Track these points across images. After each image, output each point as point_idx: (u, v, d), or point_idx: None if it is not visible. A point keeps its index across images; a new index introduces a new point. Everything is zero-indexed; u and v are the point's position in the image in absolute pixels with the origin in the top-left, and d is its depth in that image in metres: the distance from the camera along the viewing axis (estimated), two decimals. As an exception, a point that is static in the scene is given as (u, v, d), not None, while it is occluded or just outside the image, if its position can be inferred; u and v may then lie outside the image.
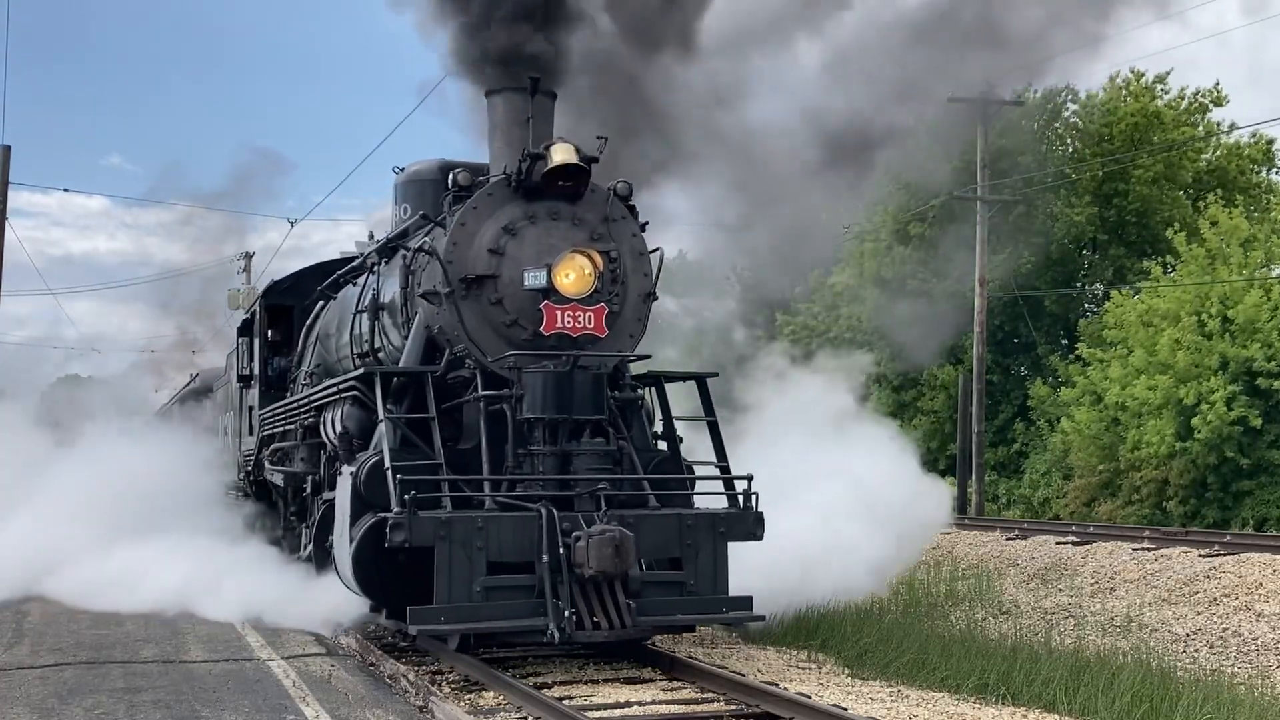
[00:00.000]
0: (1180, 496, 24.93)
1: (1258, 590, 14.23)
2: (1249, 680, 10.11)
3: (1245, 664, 11.49)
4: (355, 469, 9.78)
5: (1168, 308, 25.39)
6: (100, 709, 7.90)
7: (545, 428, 9.53)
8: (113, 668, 9.38)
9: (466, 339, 9.91)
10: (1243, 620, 13.18)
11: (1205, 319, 24.54)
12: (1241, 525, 23.44)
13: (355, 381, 10.33)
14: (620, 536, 8.75)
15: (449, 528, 8.87)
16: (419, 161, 12.60)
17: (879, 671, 9.87)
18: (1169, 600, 14.75)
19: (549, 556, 8.87)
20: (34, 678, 9.00)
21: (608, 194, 10.30)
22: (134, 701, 8.09)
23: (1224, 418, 23.34)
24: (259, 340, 16.66)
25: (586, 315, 9.64)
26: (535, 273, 9.64)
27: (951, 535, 20.77)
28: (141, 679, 8.89)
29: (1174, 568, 15.88)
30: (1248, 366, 23.78)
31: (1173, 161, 33.25)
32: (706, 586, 9.44)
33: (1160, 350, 24.67)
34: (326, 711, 7.79)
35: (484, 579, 8.90)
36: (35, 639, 10.82)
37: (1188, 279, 25.68)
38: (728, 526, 9.57)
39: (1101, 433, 26.66)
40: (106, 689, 8.54)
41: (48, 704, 8.04)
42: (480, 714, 8.09)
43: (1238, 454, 23.83)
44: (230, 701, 8.07)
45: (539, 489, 9.39)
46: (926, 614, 13.43)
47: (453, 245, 9.98)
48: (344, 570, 10.02)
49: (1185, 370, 24.13)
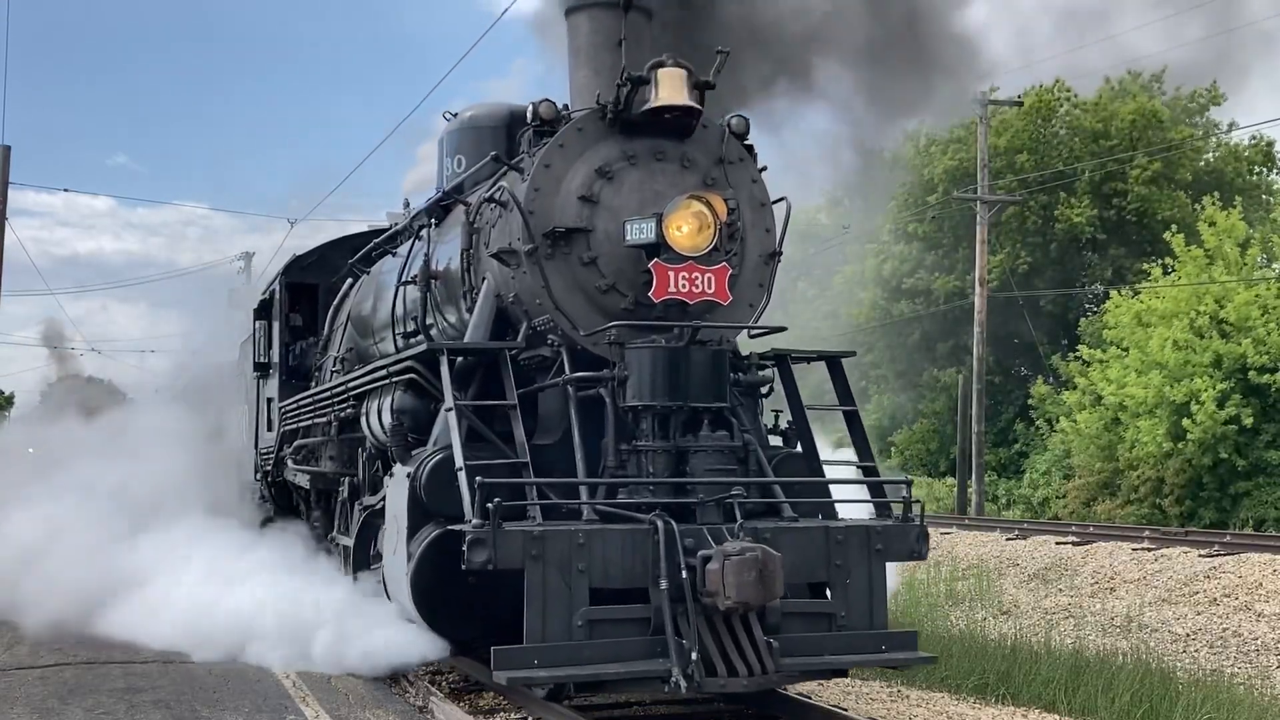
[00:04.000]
0: (1176, 496, 25.02)
1: (1258, 590, 14.26)
2: (1249, 680, 10.08)
3: (1245, 664, 11.30)
4: (414, 469, 7.87)
5: (1165, 308, 25.59)
6: (100, 709, 7.82)
7: (655, 418, 7.59)
8: (113, 668, 9.27)
9: (553, 308, 7.97)
10: (1243, 620, 13.13)
11: (1196, 315, 24.71)
12: (1241, 525, 23.30)
13: (412, 361, 8.40)
14: (765, 558, 6.80)
15: (543, 545, 6.93)
16: (476, 105, 10.66)
17: (878, 672, 9.55)
18: (1169, 600, 14.75)
19: (669, 581, 6.95)
20: (34, 678, 8.96)
21: (722, 130, 8.36)
22: (134, 701, 8.02)
23: (1215, 417, 23.38)
24: (279, 323, 14.71)
25: (706, 277, 7.66)
26: (640, 225, 7.69)
27: (951, 535, 21.05)
28: (141, 679, 8.80)
29: (1174, 568, 15.96)
30: (1241, 364, 23.79)
31: (1172, 161, 34.03)
32: (860, 618, 7.49)
33: (1152, 348, 24.85)
34: (326, 712, 7.70)
35: (586, 610, 6.97)
36: (35, 639, 10.66)
37: (1186, 280, 25.91)
38: (885, 543, 7.62)
39: (1101, 432, 26.89)
40: (106, 689, 8.46)
41: (48, 704, 7.98)
42: (480, 714, 7.89)
43: (1234, 454, 23.91)
44: (230, 701, 7.98)
45: (647, 495, 7.47)
46: (927, 614, 13.58)
47: (534, 192, 8.04)
48: (399, 594, 8.12)
49: (1177, 369, 24.20)
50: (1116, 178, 34.33)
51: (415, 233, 11.01)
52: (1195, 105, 36.84)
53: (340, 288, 14.25)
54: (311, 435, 12.88)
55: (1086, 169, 34.05)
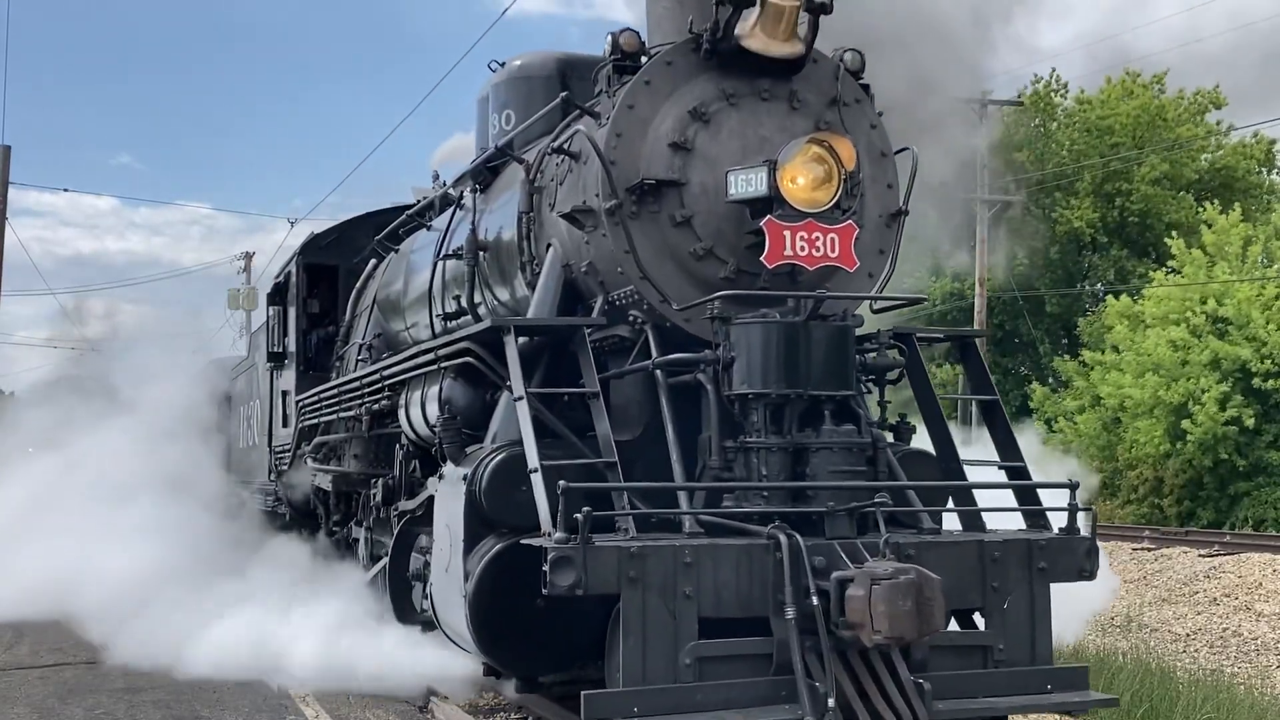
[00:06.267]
0: (1175, 496, 25.00)
1: (1258, 590, 14.29)
2: (1249, 680, 10.01)
3: (1245, 664, 11.19)
4: (472, 470, 6.55)
5: (1161, 310, 25.51)
6: (100, 709, 7.83)
7: (767, 409, 6.24)
8: (113, 668, 9.22)
9: (638, 277, 6.63)
10: (1243, 620, 13.10)
11: (1191, 315, 24.60)
12: (1240, 525, 23.23)
13: (469, 342, 7.07)
14: (923, 581, 5.46)
15: (642, 565, 5.60)
16: (527, 53, 9.31)
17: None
18: (1169, 600, 14.76)
19: (795, 609, 5.62)
20: (34, 677, 9.01)
21: (836, 65, 7.03)
22: (134, 701, 8.02)
23: (1216, 418, 23.25)
24: (296, 309, 13.40)
25: (828, 238, 6.30)
26: (748, 175, 6.35)
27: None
28: (141, 679, 8.75)
29: (1174, 568, 16.06)
30: (1241, 365, 23.65)
31: (1176, 161, 33.79)
32: (1020, 651, 6.15)
33: (1146, 349, 24.84)
34: (327, 712, 7.66)
35: (696, 645, 5.64)
36: (35, 639, 10.73)
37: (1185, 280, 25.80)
38: (1050, 560, 6.27)
39: (1100, 433, 26.77)
40: (106, 689, 8.49)
41: (48, 704, 8.00)
42: (480, 714, 7.78)
43: (1234, 455, 23.76)
44: (230, 701, 7.96)
45: (759, 502, 6.14)
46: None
47: (616, 138, 6.69)
48: (451, 618, 6.82)
49: (1173, 369, 24.13)
50: (1119, 177, 34.03)
51: (456, 201, 9.70)
52: (1197, 105, 36.36)
53: (363, 269, 12.97)
54: (334, 431, 11.59)
55: (1088, 170, 33.99)
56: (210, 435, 16.86)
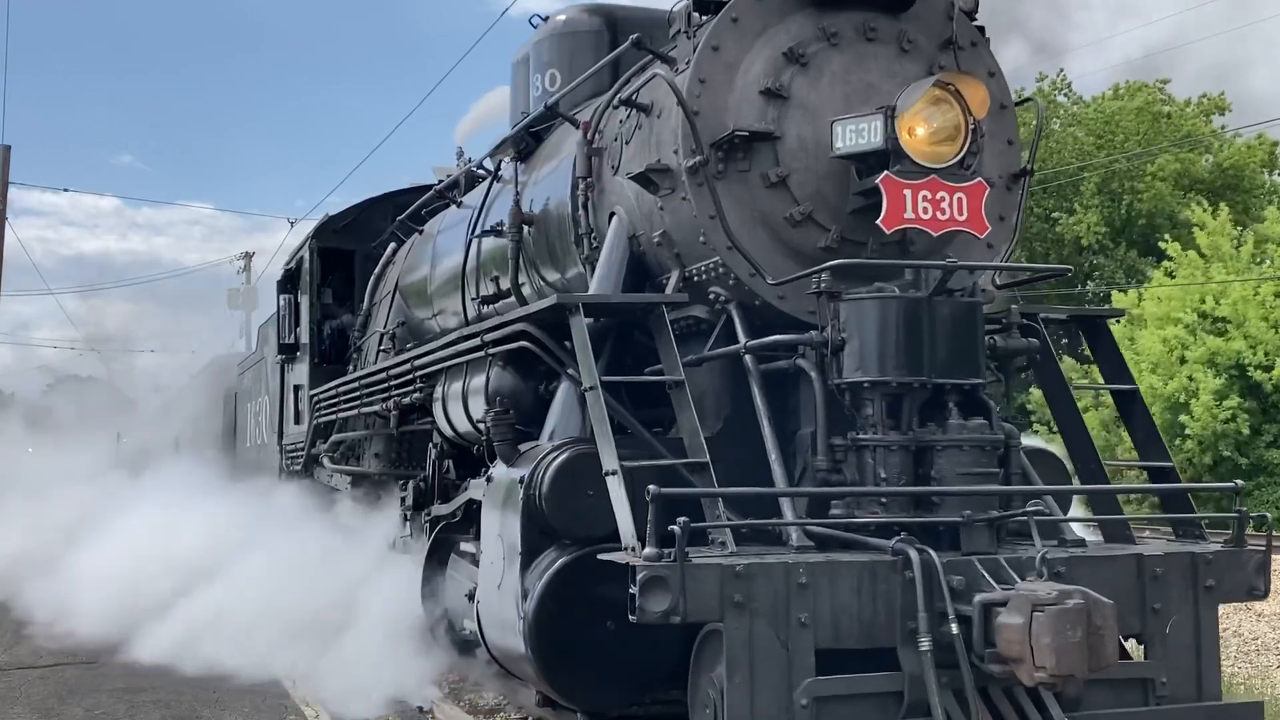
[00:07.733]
0: None
1: None
2: (1248, 680, 9.90)
3: (1245, 664, 10.99)
4: (529, 471, 5.60)
5: (1164, 310, 25.43)
6: (100, 709, 7.85)
7: (884, 400, 5.29)
8: (113, 668, 9.27)
9: (726, 246, 5.67)
10: (1243, 620, 12.86)
11: (1185, 314, 24.61)
12: None
13: (526, 324, 6.12)
14: (1094, 608, 4.50)
15: (749, 587, 4.65)
16: (571, 5, 8.36)
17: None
18: None
19: (930, 639, 4.68)
20: (34, 677, 9.03)
21: (949, 3, 6.07)
22: (134, 701, 8.02)
23: (1214, 412, 23.25)
24: (309, 297, 12.46)
25: (955, 199, 5.35)
26: (860, 124, 5.39)
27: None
28: (141, 679, 8.78)
29: None
30: (1238, 360, 23.60)
31: (1185, 159, 33.78)
32: (1184, 685, 5.21)
33: (1142, 349, 24.74)
34: (326, 712, 7.63)
35: (813, 683, 4.69)
36: (35, 639, 10.78)
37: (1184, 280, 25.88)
38: (1217, 577, 5.32)
39: (1100, 433, 25.93)
40: (106, 689, 8.50)
41: (48, 704, 8.03)
42: (480, 714, 7.76)
43: (1234, 453, 23.69)
44: (230, 702, 7.93)
45: (876, 509, 5.19)
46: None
47: (700, 84, 5.74)
48: (504, 643, 5.89)
49: (1169, 366, 24.12)
50: (1127, 175, 33.88)
51: (492, 174, 8.77)
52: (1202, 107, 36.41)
53: (381, 255, 12.05)
54: (353, 428, 10.66)
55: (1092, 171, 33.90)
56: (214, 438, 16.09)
